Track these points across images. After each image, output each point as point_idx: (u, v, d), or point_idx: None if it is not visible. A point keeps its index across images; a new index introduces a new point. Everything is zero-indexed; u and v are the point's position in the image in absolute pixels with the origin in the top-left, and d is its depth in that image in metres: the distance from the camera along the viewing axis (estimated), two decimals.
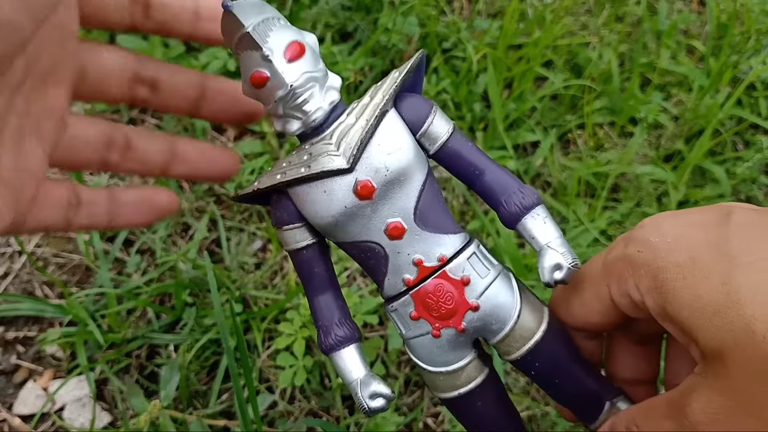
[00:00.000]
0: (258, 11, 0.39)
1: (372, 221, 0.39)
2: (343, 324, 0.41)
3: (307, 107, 0.39)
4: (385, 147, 0.38)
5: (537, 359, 0.40)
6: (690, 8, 1.28)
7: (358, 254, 0.41)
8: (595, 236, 0.92)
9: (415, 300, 0.40)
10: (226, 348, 0.61)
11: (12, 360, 0.89)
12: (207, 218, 0.97)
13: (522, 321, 0.40)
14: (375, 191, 0.38)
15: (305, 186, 0.39)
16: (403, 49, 1.09)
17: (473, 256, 0.40)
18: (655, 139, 1.03)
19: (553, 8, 1.17)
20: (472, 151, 0.41)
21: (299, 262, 0.42)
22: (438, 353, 0.41)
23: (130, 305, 0.87)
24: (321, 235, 0.42)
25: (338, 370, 0.42)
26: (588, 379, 0.41)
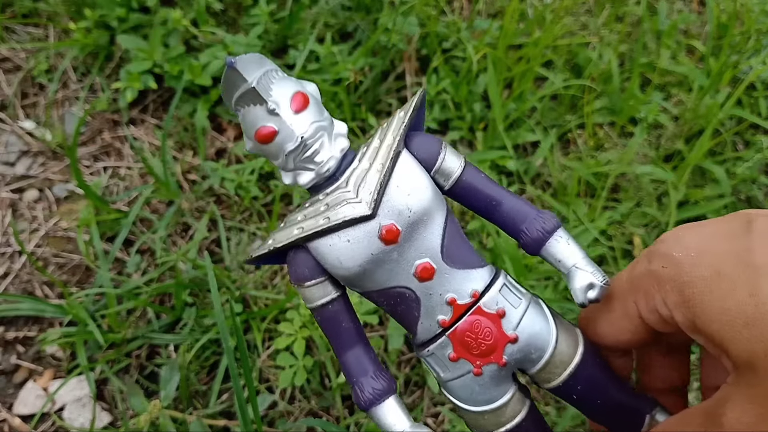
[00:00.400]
0: (258, 65, 0.38)
1: (400, 265, 0.38)
2: (378, 376, 0.40)
3: (318, 158, 0.38)
4: (404, 188, 0.37)
5: (578, 382, 0.39)
6: (690, 8, 1.28)
7: (386, 302, 0.40)
8: (595, 236, 0.92)
9: (452, 340, 0.39)
10: (226, 348, 0.61)
11: (12, 360, 0.89)
12: (207, 218, 0.97)
13: (560, 346, 0.39)
14: (400, 234, 0.37)
15: (326, 238, 0.37)
16: (403, 49, 1.09)
17: (504, 287, 0.39)
18: (655, 139, 1.03)
19: (553, 8, 1.17)
20: (486, 182, 0.41)
21: (325, 318, 0.40)
22: (481, 392, 0.40)
23: (130, 305, 0.87)
24: (344, 286, 0.40)
25: (380, 424, 0.40)
26: (626, 395, 0.41)
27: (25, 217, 1.01)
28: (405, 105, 0.40)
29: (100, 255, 0.90)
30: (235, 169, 0.99)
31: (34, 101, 1.12)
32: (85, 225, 0.93)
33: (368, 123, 1.05)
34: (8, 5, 1.17)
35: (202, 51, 1.08)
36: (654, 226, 0.96)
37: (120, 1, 1.09)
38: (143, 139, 1.08)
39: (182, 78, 1.03)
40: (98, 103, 1.09)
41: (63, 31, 1.17)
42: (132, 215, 0.95)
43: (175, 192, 0.97)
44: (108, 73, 1.13)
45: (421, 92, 0.40)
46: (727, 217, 0.33)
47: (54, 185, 1.04)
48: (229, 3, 1.16)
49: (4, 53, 1.15)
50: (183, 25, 1.05)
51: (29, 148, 1.08)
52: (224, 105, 1.08)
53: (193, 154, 1.05)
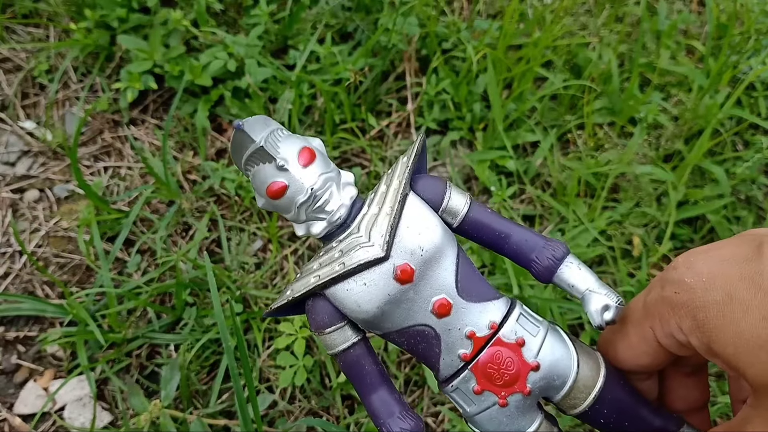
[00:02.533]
0: (264, 125, 0.40)
1: (417, 304, 0.39)
2: (405, 417, 0.40)
3: (329, 207, 0.39)
4: (414, 228, 0.39)
5: (604, 406, 0.40)
6: (689, 8, 1.28)
7: (407, 341, 0.40)
8: (595, 236, 0.92)
9: (475, 373, 0.40)
10: (226, 348, 0.62)
11: (13, 360, 0.89)
12: (207, 218, 0.97)
13: (582, 371, 0.40)
14: (415, 273, 0.38)
15: (343, 283, 0.39)
16: (403, 50, 1.09)
17: (521, 316, 0.40)
18: (654, 139, 1.03)
19: (552, 8, 1.17)
20: (492, 217, 0.42)
21: (348, 363, 0.41)
22: (508, 423, 0.40)
23: (131, 305, 0.87)
24: (363, 330, 0.41)
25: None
26: (654, 416, 0.41)
27: (26, 217, 1.01)
28: (407, 151, 0.41)
29: (100, 255, 0.90)
30: (235, 169, 1.00)
31: (34, 101, 1.13)
32: (85, 225, 0.93)
33: (368, 123, 1.06)
34: (9, 5, 1.18)
35: (202, 51, 1.08)
36: (653, 226, 0.96)
37: (120, 2, 1.09)
38: (144, 139, 1.08)
39: (183, 78, 1.03)
40: (99, 103, 1.09)
41: (63, 32, 1.17)
42: (132, 215, 0.95)
43: (176, 192, 0.97)
44: (108, 74, 1.14)
45: (421, 138, 0.41)
46: (737, 239, 0.33)
47: (54, 185, 1.04)
48: (230, 3, 1.16)
49: (5, 53, 1.15)
50: (183, 25, 1.05)
51: (30, 149, 1.08)
52: (224, 106, 1.08)
53: (193, 154, 1.06)
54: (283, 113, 1.05)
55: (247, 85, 1.05)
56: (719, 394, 0.84)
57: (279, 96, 1.07)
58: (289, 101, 1.04)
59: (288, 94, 1.05)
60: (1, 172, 1.05)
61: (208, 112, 1.06)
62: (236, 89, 1.08)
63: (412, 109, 1.08)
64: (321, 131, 1.06)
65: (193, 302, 0.90)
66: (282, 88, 1.07)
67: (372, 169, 1.00)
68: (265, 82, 1.07)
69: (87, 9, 1.09)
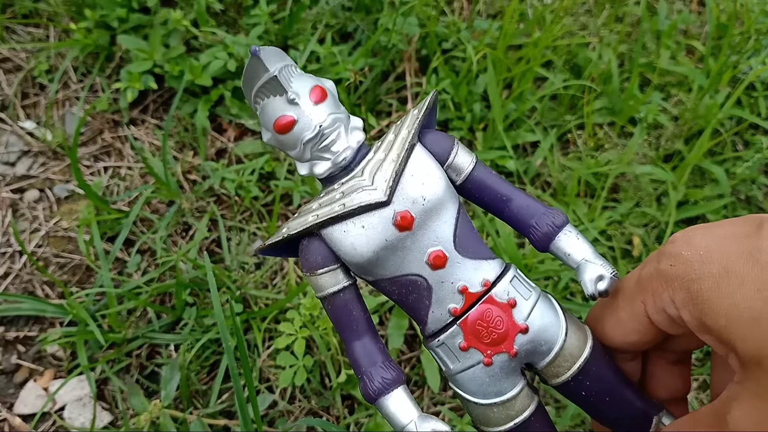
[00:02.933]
0: (280, 58, 0.40)
1: (413, 253, 0.39)
2: (387, 367, 0.39)
3: (334, 147, 0.39)
4: (418, 177, 0.38)
5: (587, 378, 0.40)
6: (689, 8, 1.28)
7: (398, 290, 0.40)
8: (595, 236, 0.92)
9: (463, 329, 0.39)
10: (226, 348, 0.62)
11: (13, 360, 0.89)
12: (207, 218, 0.97)
13: (569, 339, 0.40)
14: (414, 221, 0.38)
15: (341, 224, 0.38)
16: (403, 50, 1.09)
17: (515, 279, 0.40)
18: (654, 139, 1.03)
19: (552, 8, 1.17)
20: (496, 179, 0.42)
21: (336, 307, 0.40)
22: (490, 383, 0.40)
23: (131, 305, 0.87)
24: (354, 277, 0.41)
25: (388, 415, 0.39)
26: (635, 397, 0.41)
27: (26, 217, 1.01)
28: (418, 104, 0.41)
29: (100, 255, 0.90)
30: (235, 169, 1.00)
31: (34, 101, 1.13)
32: (85, 225, 0.93)
33: (368, 123, 1.05)
34: (9, 5, 1.18)
35: (202, 51, 1.08)
36: (653, 226, 0.96)
37: (120, 2, 1.09)
38: (144, 139, 1.08)
39: (183, 78, 1.03)
40: (99, 103, 1.09)
41: (63, 32, 1.17)
42: (132, 215, 0.95)
43: (176, 192, 0.98)
44: (108, 74, 1.14)
45: (433, 93, 0.41)
46: (738, 219, 0.33)
47: (54, 185, 1.04)
48: (230, 3, 1.16)
49: (5, 53, 1.15)
50: (183, 25, 1.05)
51: (30, 149, 1.08)
52: (224, 106, 1.08)
53: (193, 154, 1.06)
54: None
55: None
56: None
57: None
58: None
59: None
60: (1, 172, 1.05)
61: (208, 112, 1.06)
62: (236, 89, 1.08)
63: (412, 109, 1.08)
64: None
65: (193, 302, 0.90)
66: None
67: None
68: None
69: (87, 9, 1.09)
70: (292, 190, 0.98)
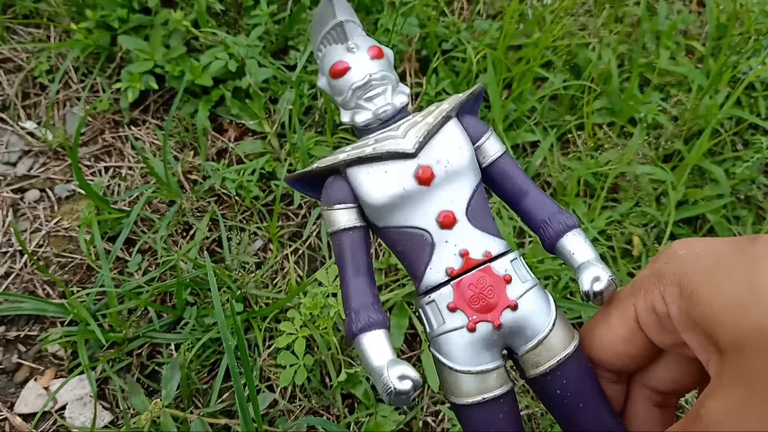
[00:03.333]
0: (349, 13, 0.44)
1: (425, 207, 0.41)
2: (376, 309, 0.41)
3: (378, 100, 0.43)
4: (447, 143, 0.42)
5: (565, 377, 0.40)
6: (689, 9, 1.28)
7: (402, 242, 0.42)
8: (595, 236, 0.92)
9: (455, 290, 0.40)
10: (226, 347, 0.62)
11: (13, 359, 0.89)
12: (208, 218, 0.97)
13: (555, 332, 0.40)
14: (433, 179, 0.41)
15: (366, 166, 0.41)
16: (403, 50, 1.09)
17: (516, 260, 0.41)
18: (654, 139, 1.04)
19: (552, 9, 1.17)
20: (519, 172, 0.44)
21: (342, 243, 0.43)
22: (469, 350, 0.40)
23: (131, 305, 0.87)
24: (367, 222, 0.43)
25: (364, 355, 0.40)
26: (609, 415, 0.40)
27: (27, 217, 1.01)
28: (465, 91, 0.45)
29: (101, 254, 0.91)
30: (235, 169, 1.00)
31: (35, 101, 1.13)
32: (86, 225, 0.93)
33: None
34: (10, 6, 1.18)
35: (203, 52, 1.09)
36: (653, 225, 0.96)
37: (121, 2, 1.09)
38: (144, 139, 1.08)
39: (183, 78, 1.03)
40: (99, 103, 1.09)
41: (64, 32, 1.17)
42: (133, 215, 0.95)
43: (176, 192, 0.98)
44: (109, 74, 1.14)
45: (480, 85, 0.45)
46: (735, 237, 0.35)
47: (55, 185, 1.05)
48: (230, 4, 1.16)
49: (6, 53, 1.15)
50: (184, 25, 1.05)
51: (31, 149, 1.08)
52: (225, 106, 1.08)
53: (194, 154, 1.06)
54: (283, 113, 1.05)
55: (247, 85, 1.05)
56: None
57: (279, 96, 1.07)
58: (290, 101, 1.04)
59: (288, 95, 1.05)
60: (2, 172, 1.05)
61: (208, 113, 1.07)
62: (237, 89, 1.08)
63: (412, 110, 1.08)
64: (321, 131, 1.06)
65: (193, 302, 0.90)
66: (282, 89, 1.07)
67: None
68: (266, 83, 1.07)
69: (88, 9, 1.09)
70: (292, 190, 0.99)
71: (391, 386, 0.39)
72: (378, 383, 0.39)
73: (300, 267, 0.95)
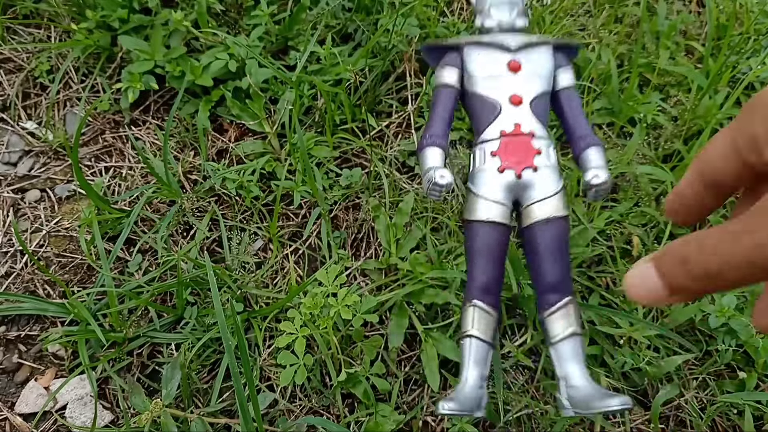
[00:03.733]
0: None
1: (505, 87, 0.62)
2: (443, 138, 0.62)
3: (504, 16, 0.65)
4: (536, 55, 0.64)
5: (547, 232, 0.60)
6: (689, 9, 1.29)
7: (479, 106, 0.63)
8: (594, 236, 0.93)
9: (501, 143, 0.61)
10: (227, 347, 0.62)
11: (14, 359, 0.90)
12: (208, 218, 0.98)
13: (553, 200, 0.60)
14: (519, 70, 0.63)
15: (479, 47, 0.64)
16: (403, 50, 1.09)
17: (553, 149, 0.62)
18: (654, 139, 1.04)
19: (552, 9, 1.17)
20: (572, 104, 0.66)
21: (440, 93, 0.64)
22: (493, 185, 0.60)
23: (132, 304, 0.87)
24: (462, 87, 0.65)
25: (422, 160, 0.61)
26: (568, 275, 0.61)
27: (27, 217, 1.01)
28: None
29: (101, 254, 0.91)
30: (236, 169, 1.00)
31: (35, 102, 1.13)
32: (86, 225, 0.93)
33: (368, 123, 1.06)
34: (10, 6, 1.18)
35: (203, 52, 1.09)
36: (653, 225, 0.96)
37: (122, 3, 1.09)
38: (145, 139, 1.09)
39: (184, 79, 1.04)
40: (100, 103, 1.09)
41: (65, 32, 1.17)
42: (134, 215, 0.95)
43: (177, 192, 0.98)
44: (109, 74, 1.14)
45: (577, 42, 0.71)
46: None
47: (56, 185, 1.05)
48: (230, 4, 1.16)
49: (6, 54, 1.15)
50: (184, 26, 1.05)
51: (31, 149, 1.08)
52: (225, 107, 1.09)
53: (194, 154, 1.06)
54: (283, 113, 1.05)
55: (247, 85, 1.05)
56: (719, 393, 0.84)
57: (280, 96, 1.07)
58: (290, 102, 1.04)
59: (289, 95, 1.05)
60: (3, 172, 1.06)
61: (208, 113, 1.07)
62: (237, 90, 1.08)
63: (412, 110, 1.08)
64: (321, 131, 1.07)
65: (194, 302, 0.90)
66: (283, 89, 1.07)
67: (372, 169, 1.01)
68: (266, 83, 1.08)
69: (88, 10, 1.09)
70: (292, 190, 0.99)
71: (434, 177, 0.58)
72: (424, 177, 0.59)
73: (300, 267, 0.95)
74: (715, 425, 0.84)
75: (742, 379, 0.85)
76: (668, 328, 0.88)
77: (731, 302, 0.84)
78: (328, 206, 0.99)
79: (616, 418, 0.82)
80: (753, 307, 0.40)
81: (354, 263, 0.95)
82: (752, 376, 0.84)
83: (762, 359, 0.82)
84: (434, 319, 0.89)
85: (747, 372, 0.85)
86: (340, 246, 0.97)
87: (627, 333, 0.84)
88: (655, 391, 0.85)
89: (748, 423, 0.81)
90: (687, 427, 0.84)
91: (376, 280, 0.93)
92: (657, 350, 0.87)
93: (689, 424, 0.84)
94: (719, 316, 0.84)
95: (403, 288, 0.89)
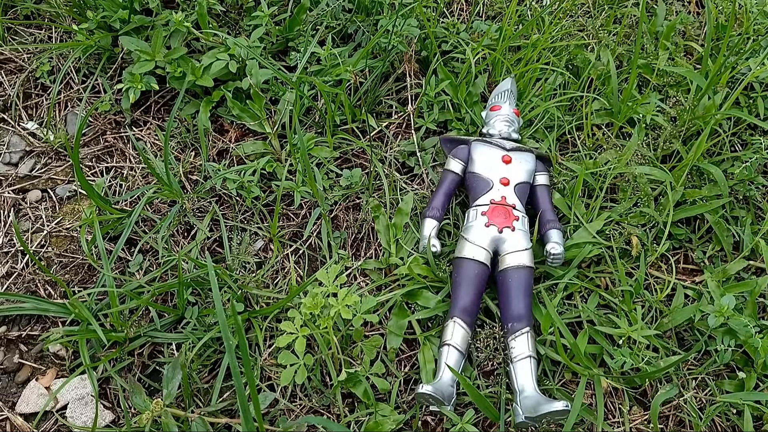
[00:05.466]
0: (514, 96, 1.06)
1: (498, 171, 0.94)
2: (440, 212, 0.93)
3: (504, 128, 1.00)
4: (523, 157, 0.97)
5: (515, 277, 0.85)
6: (688, 10, 1.29)
7: (477, 181, 0.94)
8: (593, 236, 0.93)
9: (490, 207, 0.91)
10: (227, 347, 0.62)
11: (15, 359, 0.90)
12: (209, 218, 0.98)
13: (522, 254, 0.87)
14: (511, 162, 0.95)
15: (483, 144, 0.97)
16: (403, 51, 1.10)
17: (527, 221, 0.92)
18: (653, 139, 1.04)
19: (551, 10, 1.17)
20: (544, 197, 0.97)
21: (447, 175, 0.97)
22: (479, 234, 0.88)
23: (133, 304, 0.87)
24: (463, 173, 0.97)
25: (420, 227, 0.92)
26: (529, 308, 0.84)
27: (29, 218, 1.01)
28: None
29: (102, 255, 0.91)
30: (236, 169, 1.00)
31: (36, 102, 1.13)
32: (87, 225, 0.94)
33: (368, 124, 1.06)
34: (11, 7, 1.18)
35: (203, 53, 1.09)
36: (652, 226, 0.97)
37: (122, 3, 1.10)
38: (145, 139, 1.09)
39: (184, 79, 1.04)
40: (101, 104, 1.10)
41: (66, 33, 1.18)
42: (134, 215, 0.95)
43: (178, 192, 0.98)
44: (110, 75, 1.14)
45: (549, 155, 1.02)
46: None
47: (57, 185, 1.05)
48: (231, 5, 1.17)
49: (7, 54, 1.16)
50: (185, 26, 1.05)
51: (32, 149, 1.08)
52: (226, 107, 1.09)
53: (195, 154, 1.06)
54: (284, 114, 1.05)
55: (248, 86, 1.05)
56: (718, 393, 0.84)
57: (280, 97, 1.08)
58: (290, 102, 1.04)
59: (289, 95, 1.05)
60: (4, 173, 1.06)
61: (209, 113, 1.07)
62: (237, 90, 1.09)
63: (411, 110, 1.08)
64: (322, 132, 1.07)
65: (194, 301, 0.90)
66: (283, 89, 1.08)
67: (372, 170, 1.01)
68: (266, 83, 1.08)
69: (89, 10, 1.10)
70: (293, 190, 0.99)
71: (425, 244, 0.89)
72: (421, 241, 0.91)
73: (300, 267, 0.96)
74: (715, 425, 0.85)
75: (741, 379, 0.85)
76: (667, 328, 0.88)
77: (730, 302, 0.84)
78: (329, 206, 0.99)
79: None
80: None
81: (354, 263, 0.95)
82: (751, 376, 0.84)
83: (761, 359, 0.82)
84: (432, 321, 0.89)
85: (746, 372, 0.86)
86: (341, 246, 0.97)
87: (626, 333, 0.84)
88: (655, 390, 0.85)
89: (747, 423, 0.81)
90: (686, 426, 0.85)
91: (376, 280, 0.93)
92: (656, 350, 0.87)
93: (688, 424, 0.84)
94: (718, 316, 0.84)
95: (402, 288, 0.89)
